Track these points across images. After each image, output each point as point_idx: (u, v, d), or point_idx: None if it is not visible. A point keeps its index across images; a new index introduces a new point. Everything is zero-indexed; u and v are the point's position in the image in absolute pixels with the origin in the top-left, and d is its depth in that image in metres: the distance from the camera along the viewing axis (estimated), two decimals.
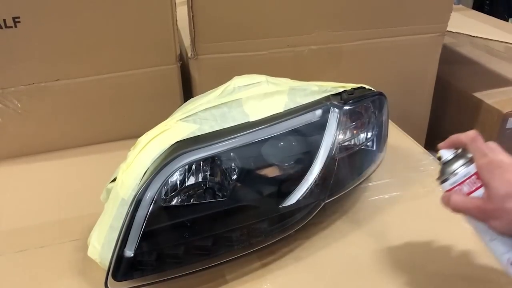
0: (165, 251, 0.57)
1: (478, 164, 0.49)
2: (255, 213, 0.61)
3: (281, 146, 0.62)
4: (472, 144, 0.50)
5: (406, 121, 0.97)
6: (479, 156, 0.49)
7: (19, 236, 0.67)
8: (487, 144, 0.50)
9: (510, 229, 0.45)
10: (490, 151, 0.49)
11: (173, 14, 0.83)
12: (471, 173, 0.49)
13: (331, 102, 0.64)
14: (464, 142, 0.51)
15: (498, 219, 0.46)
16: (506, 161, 0.48)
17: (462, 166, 0.50)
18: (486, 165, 0.48)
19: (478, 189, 0.49)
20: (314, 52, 0.95)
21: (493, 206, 0.46)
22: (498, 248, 0.49)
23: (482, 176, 0.48)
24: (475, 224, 0.50)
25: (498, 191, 0.46)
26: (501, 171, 0.47)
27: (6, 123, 0.83)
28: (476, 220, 0.48)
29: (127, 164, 0.57)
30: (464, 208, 0.49)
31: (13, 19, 0.75)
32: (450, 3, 1.01)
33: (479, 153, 0.49)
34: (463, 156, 0.51)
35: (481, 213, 0.47)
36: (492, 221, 0.46)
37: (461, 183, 0.50)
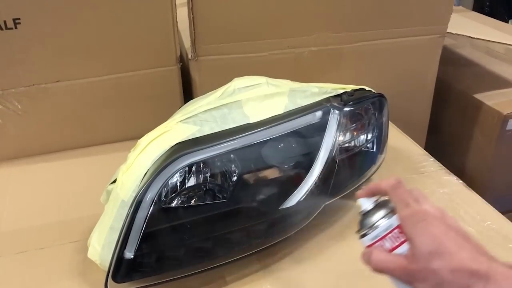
0: (165, 252, 0.57)
1: (401, 216, 0.43)
2: (255, 214, 0.61)
3: (281, 148, 0.62)
4: (393, 192, 0.45)
5: (406, 122, 0.97)
6: (401, 206, 0.43)
7: (19, 238, 0.67)
8: (411, 192, 0.45)
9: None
10: (413, 200, 0.44)
11: (173, 15, 0.83)
12: (393, 226, 0.44)
13: (331, 104, 0.64)
14: (385, 190, 0.45)
15: (423, 282, 0.40)
16: (432, 212, 0.42)
17: (384, 218, 0.44)
18: (409, 217, 0.42)
19: (402, 245, 0.43)
20: (315, 54, 0.95)
21: (417, 266, 0.40)
22: None
23: (405, 230, 0.42)
24: (398, 284, 0.43)
25: (422, 249, 0.40)
26: (425, 225, 0.41)
27: (6, 124, 0.83)
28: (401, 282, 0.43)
29: (127, 165, 0.57)
30: (386, 268, 0.43)
31: (14, 21, 0.75)
32: (450, 5, 1.01)
33: (401, 203, 0.44)
34: (385, 206, 0.45)
35: (404, 274, 0.42)
36: (417, 284, 0.40)
37: (382, 238, 0.44)
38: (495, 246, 0.64)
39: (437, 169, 0.81)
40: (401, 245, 0.43)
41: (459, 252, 0.39)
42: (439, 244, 0.40)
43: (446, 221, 0.42)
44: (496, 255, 0.63)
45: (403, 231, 0.43)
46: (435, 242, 0.40)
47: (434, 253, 0.40)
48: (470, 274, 0.39)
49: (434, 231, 0.41)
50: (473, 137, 1.10)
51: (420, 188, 0.76)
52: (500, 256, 0.63)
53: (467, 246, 0.40)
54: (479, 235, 0.66)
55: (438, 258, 0.39)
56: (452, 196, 0.74)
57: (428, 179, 0.78)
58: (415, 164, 0.83)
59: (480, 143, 1.08)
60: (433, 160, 0.84)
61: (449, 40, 1.30)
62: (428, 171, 0.81)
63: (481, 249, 0.41)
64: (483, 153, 1.07)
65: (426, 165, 0.82)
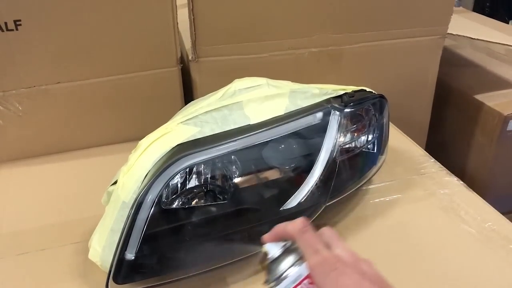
0: (166, 253, 0.57)
1: (310, 264, 0.39)
2: (256, 215, 0.61)
3: (282, 149, 0.62)
4: (300, 237, 0.40)
5: (407, 123, 0.97)
6: (310, 253, 0.39)
7: (19, 239, 0.67)
8: (320, 235, 0.41)
9: None
10: (323, 245, 0.40)
11: (173, 16, 0.83)
12: (303, 276, 0.39)
13: (332, 105, 0.65)
14: (291, 235, 0.41)
15: None
16: (344, 259, 0.39)
17: (293, 267, 0.40)
18: (319, 266, 0.38)
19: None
20: (315, 55, 0.95)
21: None
22: None
23: (315, 279, 0.38)
24: None
25: None
26: (336, 275, 0.37)
27: (7, 125, 0.83)
28: None
29: (128, 167, 0.57)
30: None
31: (14, 22, 0.75)
32: (450, 6, 1.01)
33: (309, 249, 0.40)
34: (294, 251, 0.41)
35: None
36: None
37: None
38: (496, 247, 0.64)
39: (438, 170, 0.81)
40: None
41: None
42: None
43: (359, 268, 0.39)
44: (497, 256, 0.64)
45: (313, 281, 0.39)
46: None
47: None
48: None
49: (346, 282, 0.37)
50: (473, 138, 1.10)
51: (420, 189, 0.77)
52: (502, 257, 0.64)
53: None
54: (479, 235, 0.66)
55: None
56: (452, 197, 0.74)
57: (428, 180, 0.78)
58: (416, 165, 0.83)
59: (480, 144, 1.08)
60: (433, 161, 0.84)
61: (449, 41, 1.30)
62: (428, 172, 0.81)
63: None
64: (483, 154, 1.07)
65: (427, 166, 0.82)
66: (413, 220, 0.70)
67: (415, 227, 0.69)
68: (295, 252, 0.41)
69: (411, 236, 0.67)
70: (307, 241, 0.40)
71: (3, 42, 0.76)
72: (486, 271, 0.61)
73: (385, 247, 0.66)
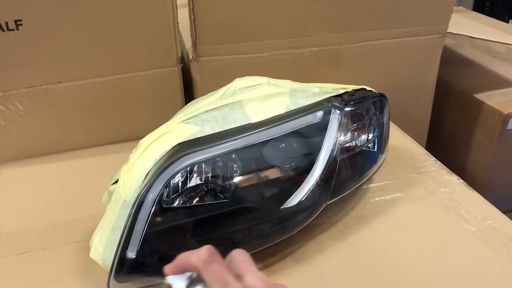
0: (167, 252, 0.57)
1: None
2: (257, 214, 0.61)
3: (282, 148, 0.62)
4: (206, 269, 0.36)
5: (407, 122, 0.97)
6: (218, 287, 0.35)
7: (21, 238, 0.67)
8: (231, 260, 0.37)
9: None
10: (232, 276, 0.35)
11: (174, 16, 0.83)
12: None
13: (332, 104, 0.65)
14: (196, 266, 0.37)
15: None
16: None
17: None
18: None
19: None
20: (315, 54, 0.95)
21: None
22: None
23: None
24: None
25: None
26: None
27: (8, 125, 0.83)
28: None
29: (129, 166, 0.57)
30: None
31: (15, 22, 0.75)
32: (450, 5, 1.01)
33: (217, 282, 0.35)
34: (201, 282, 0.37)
35: None
36: None
37: None
38: (497, 245, 0.65)
39: (438, 169, 0.81)
40: None
41: None
42: None
43: None
44: (498, 254, 0.64)
45: None
46: None
47: None
48: None
49: None
50: (473, 137, 1.10)
51: (421, 187, 0.77)
52: (502, 255, 0.64)
53: None
54: (480, 234, 0.67)
55: None
56: (453, 196, 0.74)
57: (429, 179, 0.78)
58: (416, 163, 0.83)
59: (481, 143, 1.08)
60: (434, 160, 0.84)
61: (449, 40, 1.30)
62: (429, 170, 0.81)
63: None
64: (484, 152, 1.07)
65: (427, 164, 0.82)
66: (413, 218, 0.70)
67: (415, 226, 0.69)
68: (202, 284, 0.37)
69: (411, 234, 0.67)
70: (214, 273, 0.36)
71: (3, 42, 0.76)
72: (487, 269, 0.61)
73: (386, 245, 0.66)
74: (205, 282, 0.36)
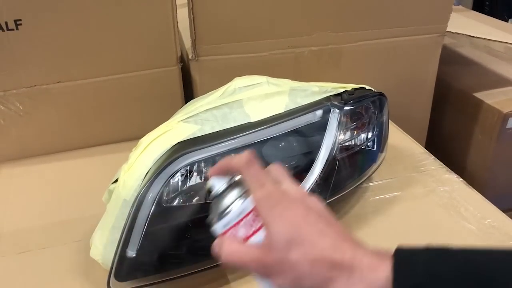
0: (167, 251, 0.57)
1: (255, 198, 0.38)
2: None
3: (282, 147, 0.62)
4: (246, 170, 0.39)
5: (407, 121, 0.98)
6: (255, 187, 0.38)
7: (21, 238, 0.68)
8: (267, 170, 0.39)
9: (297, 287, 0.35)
10: (270, 180, 0.38)
11: (173, 16, 0.83)
12: (248, 209, 0.38)
13: (331, 103, 0.65)
14: (237, 168, 0.39)
15: (280, 275, 0.35)
16: (291, 193, 0.38)
17: (237, 200, 0.38)
18: (265, 199, 0.37)
19: (258, 231, 0.37)
20: (315, 53, 0.95)
21: (274, 257, 0.35)
22: None
23: (260, 215, 0.37)
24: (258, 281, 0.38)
25: (279, 237, 0.35)
26: (282, 208, 0.36)
27: (8, 125, 0.83)
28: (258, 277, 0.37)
29: (129, 165, 0.57)
30: (239, 261, 0.37)
31: (15, 22, 0.75)
32: (450, 4, 1.01)
33: (255, 183, 0.38)
34: (239, 185, 0.39)
35: (260, 267, 0.36)
36: (274, 278, 0.35)
37: (236, 225, 0.38)
38: (496, 243, 0.65)
39: (438, 168, 0.81)
40: (257, 232, 0.37)
41: (320, 240, 0.35)
42: (298, 231, 0.35)
43: (306, 203, 0.38)
44: None
45: (259, 215, 0.37)
46: (293, 228, 0.35)
47: (292, 241, 0.35)
48: (332, 266, 0.34)
49: (292, 215, 0.36)
50: (473, 136, 1.10)
51: (420, 186, 0.77)
52: None
53: (329, 233, 0.36)
54: (479, 232, 0.67)
55: (297, 247, 0.34)
56: (452, 194, 0.74)
57: (428, 177, 0.79)
58: (416, 162, 0.83)
59: (480, 142, 1.08)
60: (433, 159, 0.84)
61: (449, 39, 1.30)
62: (428, 169, 0.81)
63: (345, 234, 0.37)
64: (483, 151, 1.08)
65: (427, 163, 0.83)
66: (413, 217, 0.71)
67: (415, 224, 0.69)
68: (240, 187, 0.39)
69: (411, 233, 0.67)
70: (253, 174, 0.38)
71: (3, 41, 0.76)
72: None
73: (386, 244, 0.65)
74: (242, 186, 0.39)
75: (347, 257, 0.34)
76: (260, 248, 0.36)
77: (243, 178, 0.39)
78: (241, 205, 0.38)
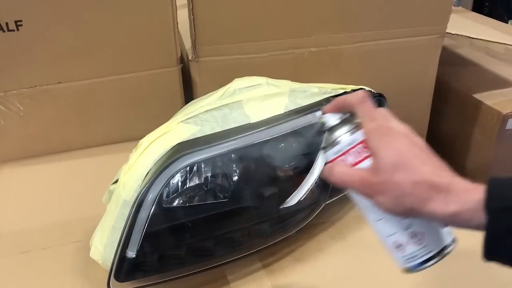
0: (167, 252, 0.57)
1: (366, 129, 0.43)
2: (256, 214, 0.61)
3: (282, 148, 0.63)
4: (359, 106, 0.44)
5: (406, 122, 0.96)
6: (367, 120, 0.43)
7: (21, 238, 0.68)
8: (378, 109, 0.44)
9: (397, 206, 0.40)
10: (380, 115, 0.43)
11: (174, 16, 0.83)
12: (357, 140, 0.44)
13: None
14: (351, 104, 0.45)
15: (383, 194, 0.40)
16: (397, 129, 0.43)
17: (348, 133, 0.44)
18: (374, 130, 0.42)
19: (365, 159, 0.43)
20: (315, 54, 0.95)
21: (379, 178, 0.40)
22: (384, 230, 0.44)
23: (369, 144, 0.42)
24: (359, 201, 0.45)
25: (386, 161, 0.40)
26: (390, 139, 0.41)
27: (8, 125, 0.83)
28: (361, 196, 0.43)
29: (129, 165, 0.57)
30: (347, 181, 0.43)
31: (15, 23, 0.75)
32: (449, 5, 1.01)
33: (367, 117, 0.43)
34: (350, 121, 0.45)
35: (366, 187, 0.42)
36: (378, 197, 0.41)
37: (345, 152, 0.44)
38: None
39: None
40: (364, 160, 0.43)
41: (422, 166, 0.40)
42: (403, 157, 0.40)
43: (411, 138, 0.42)
44: None
45: (367, 145, 0.42)
46: (399, 155, 0.40)
47: (397, 165, 0.40)
48: (431, 187, 0.39)
49: (398, 145, 0.41)
50: (472, 137, 1.10)
51: None
52: None
53: (430, 162, 0.41)
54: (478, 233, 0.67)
55: (401, 170, 0.40)
56: None
57: None
58: None
59: (479, 143, 1.08)
60: None
61: (448, 40, 1.30)
62: None
63: (443, 165, 0.42)
64: (482, 152, 1.08)
65: None
66: None
67: None
68: (351, 123, 0.45)
69: None
70: (366, 109, 0.44)
71: (4, 42, 0.76)
72: (486, 270, 0.61)
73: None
74: (353, 123, 0.45)
75: (445, 181, 0.40)
76: (367, 171, 0.42)
77: (356, 112, 0.45)
78: (352, 136, 0.44)
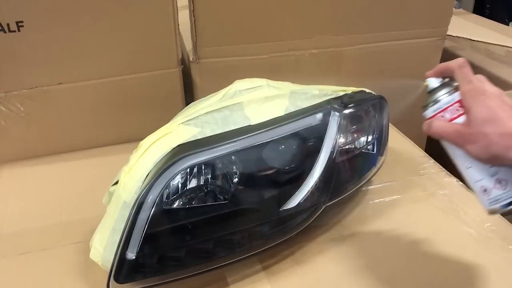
0: (166, 253, 0.57)
1: (462, 90, 0.50)
2: (256, 216, 0.61)
3: (282, 150, 0.62)
4: (459, 70, 0.51)
5: (407, 124, 0.98)
6: (464, 82, 0.50)
7: (21, 239, 0.68)
8: (475, 75, 0.51)
9: (485, 154, 0.47)
10: (476, 79, 0.50)
11: (174, 18, 0.83)
12: (454, 100, 0.50)
13: (331, 106, 0.65)
14: (452, 69, 0.52)
15: (474, 143, 0.47)
16: (491, 90, 0.49)
17: (446, 94, 0.51)
18: (470, 91, 0.49)
19: (460, 116, 0.50)
20: (315, 56, 0.96)
21: (471, 130, 0.47)
22: (473, 176, 0.50)
23: (464, 102, 0.49)
24: (453, 151, 0.51)
25: (478, 115, 0.47)
26: (483, 98, 0.48)
27: (9, 126, 0.83)
28: (455, 146, 0.50)
29: (129, 167, 0.57)
30: (444, 132, 0.50)
31: (17, 24, 0.75)
32: (450, 7, 1.01)
33: (464, 79, 0.50)
34: (449, 84, 0.52)
35: (459, 137, 0.49)
36: (469, 145, 0.48)
37: (443, 110, 0.51)
38: (496, 248, 0.65)
39: (438, 171, 0.81)
40: (460, 117, 0.50)
41: (509, 122, 0.46)
42: (493, 113, 0.46)
43: (502, 98, 0.48)
44: (497, 256, 0.64)
45: (463, 104, 0.49)
46: (490, 111, 0.46)
47: (487, 120, 0.46)
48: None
49: (490, 103, 0.47)
50: None
51: (420, 189, 0.77)
52: (500, 258, 0.64)
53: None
54: (479, 236, 0.67)
55: (490, 124, 0.46)
56: (452, 198, 0.74)
57: (428, 181, 0.79)
58: (416, 165, 0.83)
59: None
60: (433, 162, 0.84)
61: (449, 43, 1.30)
62: (428, 172, 0.81)
63: None
64: None
65: (427, 166, 0.83)
66: (412, 220, 0.71)
67: (414, 228, 0.69)
68: (450, 85, 0.52)
69: (410, 236, 0.67)
70: (464, 74, 0.50)
71: (5, 43, 0.76)
72: (486, 271, 0.61)
73: (385, 247, 0.66)
74: (452, 86, 0.51)
75: None
76: (461, 124, 0.49)
77: (455, 76, 0.51)
78: (450, 97, 0.51)
